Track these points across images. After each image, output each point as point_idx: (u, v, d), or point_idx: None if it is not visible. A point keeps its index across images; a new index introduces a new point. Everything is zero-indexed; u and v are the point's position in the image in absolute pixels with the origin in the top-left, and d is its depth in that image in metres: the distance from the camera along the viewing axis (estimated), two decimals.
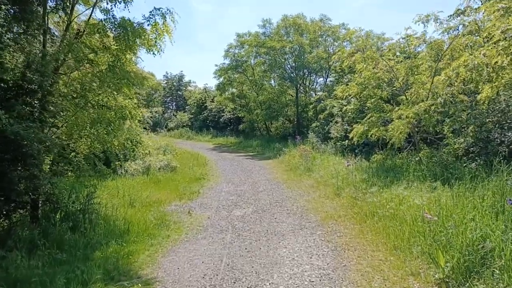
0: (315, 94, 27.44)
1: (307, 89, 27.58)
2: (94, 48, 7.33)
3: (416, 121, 9.19)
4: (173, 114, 44.59)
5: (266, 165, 16.62)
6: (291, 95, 26.97)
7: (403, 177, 8.33)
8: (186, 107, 43.62)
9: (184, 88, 49.89)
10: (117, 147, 9.08)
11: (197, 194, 10.24)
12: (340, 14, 66.00)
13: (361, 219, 6.84)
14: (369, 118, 10.18)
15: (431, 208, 5.69)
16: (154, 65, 76.83)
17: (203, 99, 38.40)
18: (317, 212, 7.89)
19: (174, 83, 50.51)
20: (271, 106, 25.86)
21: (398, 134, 8.84)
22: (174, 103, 51.22)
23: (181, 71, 73.45)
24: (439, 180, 7.29)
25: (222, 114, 34.44)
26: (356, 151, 13.63)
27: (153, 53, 7.54)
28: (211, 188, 11.37)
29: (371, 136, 10.07)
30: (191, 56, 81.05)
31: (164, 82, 50.98)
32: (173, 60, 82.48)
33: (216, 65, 28.26)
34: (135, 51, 7.94)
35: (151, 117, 27.08)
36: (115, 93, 7.75)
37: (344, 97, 12.62)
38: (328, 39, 25.91)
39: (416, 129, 9.65)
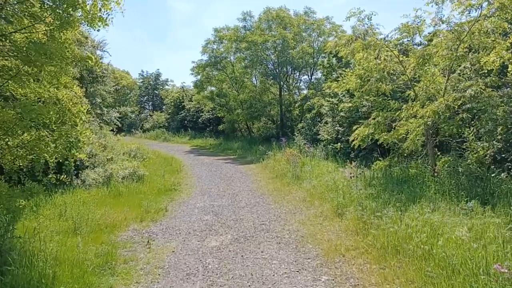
0: (300, 93, 25.77)
1: (291, 87, 25.84)
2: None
3: (432, 121, 7.48)
4: (149, 115, 42.05)
5: (248, 171, 14.73)
6: (274, 94, 25.19)
7: (422, 192, 6.61)
8: (163, 107, 41.25)
9: (161, 87, 47.46)
10: (56, 155, 6.96)
11: (164, 213, 8.26)
12: (324, 8, 64.65)
13: (379, 255, 5.03)
14: (374, 119, 8.36)
15: (489, 248, 3.96)
16: (129, 64, 73.93)
17: (180, 98, 36.13)
18: (316, 240, 6.06)
19: (151, 82, 47.96)
20: (253, 105, 23.99)
21: (413, 136, 7.11)
22: (151, 102, 48.69)
23: (158, 69, 70.67)
24: (475, 199, 5.59)
25: (201, 114, 32.33)
26: (352, 155, 11.91)
27: (97, 28, 5.58)
28: (183, 202, 9.41)
29: (378, 141, 8.29)
30: (170, 55, 78.54)
31: (140, 81, 48.46)
32: (150, 59, 79.76)
33: (193, 62, 26.28)
34: (75, 27, 5.98)
35: (119, 117, 24.71)
36: (46, 81, 5.71)
37: (339, 92, 10.88)
38: (313, 34, 24.24)
39: (430, 130, 7.95)
